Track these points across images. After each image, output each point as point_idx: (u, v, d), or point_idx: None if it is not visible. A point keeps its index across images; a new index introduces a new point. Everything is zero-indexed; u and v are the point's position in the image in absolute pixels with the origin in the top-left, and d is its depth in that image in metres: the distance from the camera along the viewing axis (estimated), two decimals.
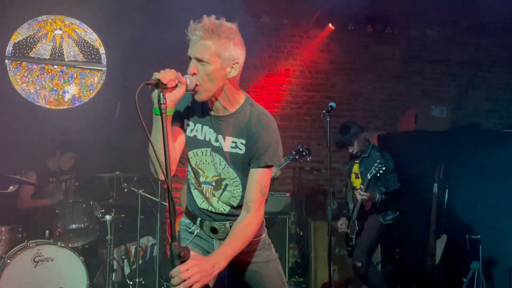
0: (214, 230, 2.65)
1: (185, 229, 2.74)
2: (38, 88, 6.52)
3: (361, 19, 7.04)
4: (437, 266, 5.76)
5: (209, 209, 2.65)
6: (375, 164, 4.74)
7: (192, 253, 2.22)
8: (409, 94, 7.31)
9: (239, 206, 2.58)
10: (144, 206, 5.49)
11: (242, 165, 2.50)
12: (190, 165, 2.64)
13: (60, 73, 6.61)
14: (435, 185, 5.68)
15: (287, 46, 7.18)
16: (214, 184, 2.61)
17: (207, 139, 2.54)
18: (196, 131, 2.58)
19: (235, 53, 2.39)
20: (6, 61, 6.39)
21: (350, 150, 5.12)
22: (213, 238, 2.68)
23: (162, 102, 2.23)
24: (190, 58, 2.38)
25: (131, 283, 5.57)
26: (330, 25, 7.07)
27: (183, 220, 2.79)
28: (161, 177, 2.43)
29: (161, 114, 2.23)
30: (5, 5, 6.12)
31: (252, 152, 2.48)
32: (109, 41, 6.71)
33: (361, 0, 6.21)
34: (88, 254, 4.98)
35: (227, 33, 2.35)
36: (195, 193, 2.69)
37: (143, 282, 5.47)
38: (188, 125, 2.59)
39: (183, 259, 2.16)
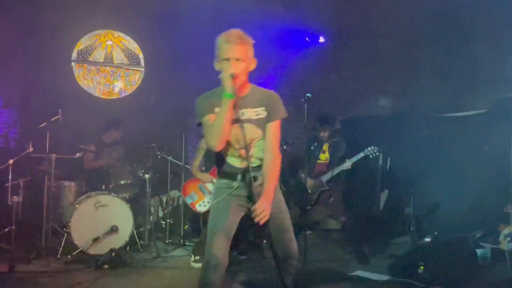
0: (255, 178, 2.53)
1: (224, 186, 2.60)
2: (95, 83, 6.54)
3: (330, 33, 7.07)
4: (381, 211, 5.93)
5: (248, 165, 2.53)
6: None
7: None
8: (362, 88, 7.35)
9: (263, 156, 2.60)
10: (172, 168, 5.55)
11: (264, 125, 2.50)
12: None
13: (111, 72, 6.63)
14: (380, 155, 5.79)
15: None
16: (245, 146, 2.52)
17: (235, 117, 2.46)
18: None
19: (253, 53, 2.49)
20: (72, 63, 6.41)
21: (322, 134, 4.91)
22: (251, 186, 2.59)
23: (235, 89, 2.34)
24: (227, 59, 2.41)
25: (163, 222, 5.68)
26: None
27: (220, 181, 2.64)
28: (218, 149, 2.44)
29: (232, 98, 2.34)
30: (70, 22, 6.11)
31: (270, 112, 2.53)
32: (146, 49, 6.72)
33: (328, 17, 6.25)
34: (133, 202, 4.99)
35: (249, 40, 2.46)
36: (231, 159, 2.58)
37: (172, 222, 5.54)
38: (216, 111, 2.47)
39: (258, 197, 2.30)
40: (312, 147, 5.02)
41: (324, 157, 4.92)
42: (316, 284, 3.76)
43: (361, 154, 4.55)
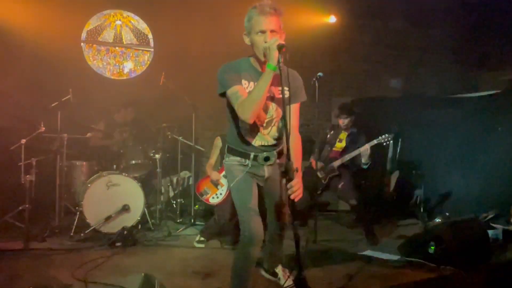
0: (267, 159, 2.60)
1: (237, 164, 2.62)
2: (105, 64, 6.53)
3: (341, 13, 6.94)
4: (391, 193, 5.90)
5: (263, 144, 2.59)
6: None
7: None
8: (373, 70, 7.25)
9: (280, 136, 2.62)
10: (182, 149, 5.56)
11: (285, 105, 2.42)
12: None
13: (121, 53, 6.60)
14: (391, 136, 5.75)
15: None
16: (265, 125, 2.56)
17: None
18: (251, 87, 2.48)
19: (282, 25, 2.46)
20: (82, 44, 6.39)
21: (341, 122, 4.76)
22: (263, 165, 2.63)
23: (280, 61, 2.27)
24: (262, 31, 2.37)
25: (174, 202, 5.72)
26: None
27: (232, 158, 2.65)
28: (251, 121, 2.39)
29: (279, 69, 2.28)
30: (79, 2, 6.09)
31: (294, 93, 2.51)
32: (155, 29, 6.67)
33: None
34: (144, 182, 5.02)
35: (281, 11, 2.41)
36: (248, 136, 2.57)
37: (182, 202, 5.57)
38: (245, 84, 2.48)
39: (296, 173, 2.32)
40: (328, 135, 4.92)
41: (340, 146, 4.81)
42: (327, 263, 3.76)
43: (374, 141, 4.45)
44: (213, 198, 4.41)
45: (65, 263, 3.62)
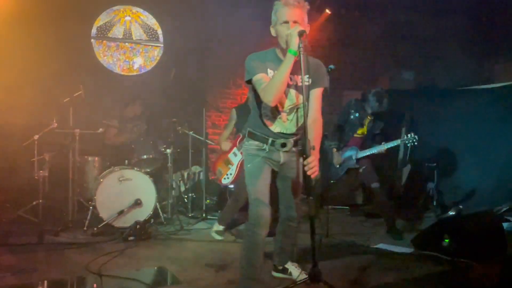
0: (284, 145, 2.69)
1: (255, 148, 2.71)
2: (115, 60, 6.54)
3: (351, 5, 6.90)
4: (403, 186, 5.86)
5: (282, 131, 2.69)
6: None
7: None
8: (385, 62, 7.19)
9: (301, 126, 2.64)
10: (193, 143, 5.56)
11: (308, 93, 2.54)
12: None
13: (130, 49, 6.61)
14: (403, 129, 5.70)
15: None
16: (287, 111, 2.65)
17: None
18: None
19: (307, 19, 2.56)
20: (92, 40, 6.42)
21: (376, 106, 4.52)
22: (279, 151, 2.71)
23: (301, 46, 2.36)
24: (286, 22, 2.47)
25: (185, 196, 5.73)
26: (327, 10, 6.88)
27: (251, 142, 2.73)
28: (273, 104, 2.51)
29: (299, 54, 2.37)
30: None
31: (315, 80, 2.62)
32: (164, 24, 6.67)
33: None
34: (155, 176, 5.02)
35: (306, 4, 2.54)
36: (268, 122, 2.67)
37: (194, 196, 5.60)
38: (270, 72, 2.57)
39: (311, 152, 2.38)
40: (352, 116, 4.60)
41: (361, 131, 4.63)
42: (340, 256, 3.75)
43: (399, 141, 4.31)
44: (224, 179, 4.44)
45: (79, 257, 3.65)
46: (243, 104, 4.61)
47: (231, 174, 4.38)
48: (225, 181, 4.44)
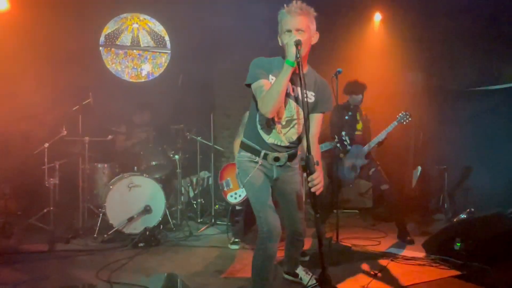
0: (276, 159, 2.59)
1: (247, 160, 2.62)
2: (123, 67, 6.60)
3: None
4: (413, 188, 5.80)
5: (276, 143, 2.57)
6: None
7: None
8: (392, 63, 7.12)
9: (296, 140, 2.61)
10: (201, 149, 5.59)
11: (309, 110, 2.41)
12: None
13: (138, 56, 6.66)
14: (412, 131, 5.67)
15: None
16: (284, 123, 2.54)
17: (288, 91, 2.46)
18: None
19: (315, 26, 2.47)
20: (100, 48, 6.48)
21: (356, 98, 4.63)
22: (272, 165, 2.62)
23: (298, 57, 2.26)
24: (289, 31, 2.39)
25: (194, 202, 5.76)
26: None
27: (243, 153, 2.65)
28: (270, 116, 2.41)
29: (298, 64, 2.26)
30: (97, 7, 6.17)
31: (320, 101, 2.56)
32: (172, 31, 6.72)
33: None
34: (164, 182, 5.06)
35: (311, 11, 2.44)
36: (263, 131, 2.57)
37: (203, 202, 5.61)
38: (271, 78, 2.48)
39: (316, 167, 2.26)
40: (346, 117, 4.68)
41: (360, 126, 4.65)
42: (349, 261, 3.72)
43: (395, 123, 4.39)
44: (231, 196, 4.30)
45: (90, 264, 3.67)
46: None
47: (240, 196, 4.29)
48: (231, 199, 4.31)
